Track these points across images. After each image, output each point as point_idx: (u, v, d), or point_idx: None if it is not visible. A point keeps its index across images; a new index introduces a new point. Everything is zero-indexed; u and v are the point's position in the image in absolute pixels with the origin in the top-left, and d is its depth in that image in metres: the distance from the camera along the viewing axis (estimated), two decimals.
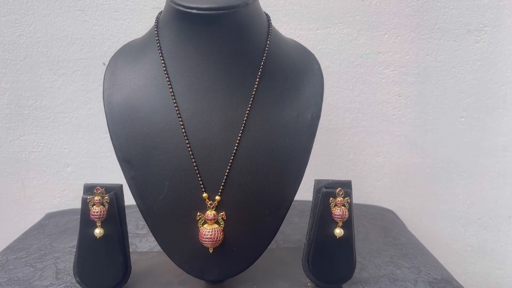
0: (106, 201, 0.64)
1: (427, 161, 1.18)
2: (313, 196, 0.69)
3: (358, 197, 1.17)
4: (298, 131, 0.68)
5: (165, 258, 0.78)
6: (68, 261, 0.81)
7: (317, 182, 0.69)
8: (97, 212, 0.63)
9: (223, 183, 0.65)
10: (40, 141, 1.15)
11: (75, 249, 0.67)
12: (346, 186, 0.67)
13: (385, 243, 0.90)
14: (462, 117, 1.15)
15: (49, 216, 1.07)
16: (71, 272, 0.77)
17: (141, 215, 0.66)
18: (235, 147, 0.66)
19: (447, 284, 0.74)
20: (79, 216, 0.65)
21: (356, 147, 1.15)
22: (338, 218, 0.65)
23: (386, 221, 1.04)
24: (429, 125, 1.16)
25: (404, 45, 1.10)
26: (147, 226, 0.67)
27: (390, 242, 0.91)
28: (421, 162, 1.17)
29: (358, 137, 1.16)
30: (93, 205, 0.64)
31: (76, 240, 0.66)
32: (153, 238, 0.91)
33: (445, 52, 1.11)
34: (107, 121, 0.67)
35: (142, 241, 0.90)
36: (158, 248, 0.87)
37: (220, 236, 0.64)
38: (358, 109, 1.14)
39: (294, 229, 0.97)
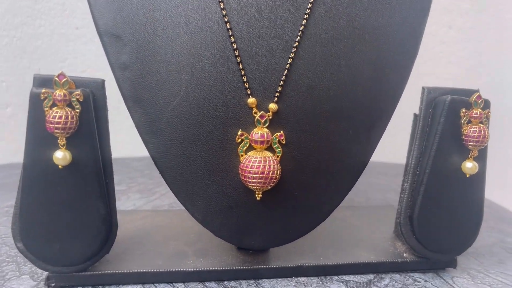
0: (77, 101, 0.34)
1: None
2: (420, 113, 0.43)
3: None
4: (403, 2, 0.41)
5: (166, 218, 0.50)
6: (4, 225, 0.53)
7: (428, 91, 0.42)
8: (59, 118, 0.33)
9: (282, 82, 0.38)
10: None
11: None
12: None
13: None
14: None
15: None
16: (9, 240, 0.47)
17: (116, 165, 0.39)
18: (304, 21, 0.38)
19: None
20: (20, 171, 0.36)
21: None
22: (474, 142, 0.39)
23: None
24: (484, 67, 0.93)
25: None
26: (127, 180, 0.40)
27: None
28: None
29: None
30: (53, 106, 0.34)
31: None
32: (138, 196, 0.62)
33: None
34: None
35: (121, 199, 0.61)
36: (149, 206, 0.58)
37: (275, 172, 0.36)
38: None
39: None
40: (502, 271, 0.46)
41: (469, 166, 0.40)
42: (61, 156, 0.34)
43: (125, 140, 0.86)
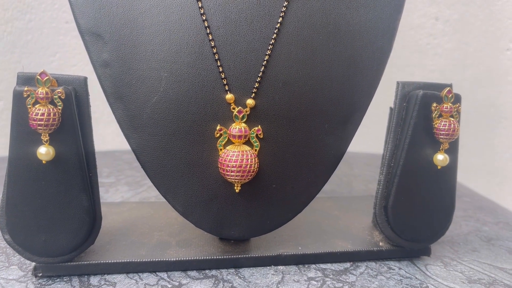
0: (59, 98, 0.36)
1: (463, 104, 0.96)
2: (395, 107, 0.44)
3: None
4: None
5: (151, 209, 0.52)
6: None
7: (402, 85, 0.44)
8: (42, 115, 0.35)
9: (259, 78, 0.39)
10: None
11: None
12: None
13: None
14: (508, 50, 0.93)
15: None
16: None
17: (105, 158, 0.40)
18: (280, 19, 0.39)
19: None
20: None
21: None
22: (444, 135, 0.41)
23: None
24: (469, 58, 0.94)
25: None
26: (116, 173, 0.41)
27: None
28: None
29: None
30: (36, 103, 0.35)
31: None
32: (126, 188, 0.63)
33: None
34: None
35: (109, 192, 0.62)
36: (136, 198, 0.60)
37: (253, 165, 0.38)
38: None
39: None
40: (475, 258, 0.48)
41: (440, 158, 0.42)
42: (44, 151, 0.36)
43: (114, 132, 0.87)
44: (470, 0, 0.91)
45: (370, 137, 0.85)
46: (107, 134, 0.88)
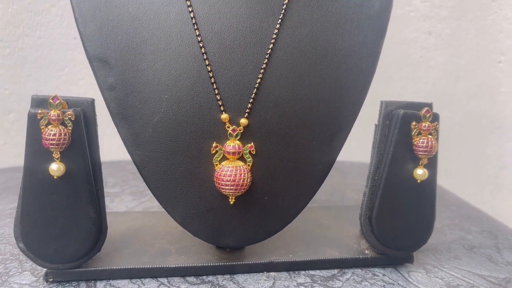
0: (70, 119, 0.39)
1: (457, 115, 1.00)
2: (378, 124, 0.47)
3: None
4: (361, 26, 0.46)
5: (153, 219, 0.55)
6: (7, 226, 0.57)
7: (386, 104, 0.47)
8: (54, 135, 0.38)
9: (251, 100, 0.43)
10: None
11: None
12: (429, 108, 0.46)
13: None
14: (499, 62, 0.97)
15: None
16: (12, 240, 0.52)
17: (110, 169, 0.43)
18: (271, 45, 0.43)
19: None
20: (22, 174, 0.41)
21: (372, 95, 0.95)
22: (423, 152, 0.44)
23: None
24: (462, 71, 0.97)
25: None
26: (121, 183, 0.44)
27: (440, 203, 0.71)
28: (449, 116, 0.99)
29: (376, 84, 0.95)
30: (48, 124, 0.39)
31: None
32: (130, 198, 0.67)
33: None
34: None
35: (114, 202, 0.66)
36: (140, 208, 0.64)
37: (246, 179, 0.41)
38: None
39: None
40: (456, 266, 0.51)
41: (420, 173, 0.45)
42: (55, 168, 0.39)
43: (118, 144, 0.91)
44: (462, 15, 0.94)
45: (364, 147, 0.88)
46: (112, 145, 0.92)
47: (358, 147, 0.83)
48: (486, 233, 0.61)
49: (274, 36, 0.43)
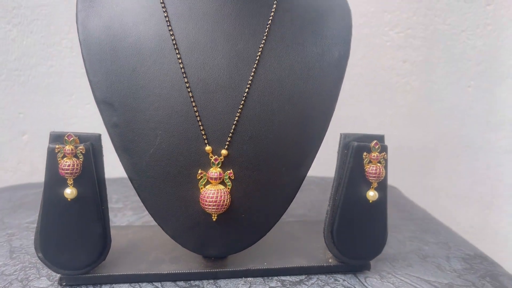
0: (81, 152, 0.49)
1: (430, 135, 1.09)
2: (339, 153, 0.56)
3: None
4: (323, 72, 0.55)
5: (150, 232, 0.64)
6: (25, 238, 0.65)
7: (344, 136, 0.56)
8: (68, 166, 0.48)
9: (231, 134, 0.51)
10: None
11: (34, 225, 0.52)
12: (380, 140, 0.55)
13: (402, 218, 0.80)
14: (469, 87, 1.06)
15: None
16: (30, 250, 0.61)
17: (114, 186, 0.52)
18: (247, 89, 0.52)
19: (482, 260, 0.64)
20: (38, 191, 0.50)
21: (354, 117, 1.04)
22: (373, 177, 0.53)
23: (395, 196, 0.93)
24: (435, 95, 1.06)
25: (412, 4, 1.00)
26: (123, 199, 0.53)
27: (407, 217, 0.80)
28: (423, 136, 1.08)
29: (358, 107, 1.05)
30: (64, 157, 0.48)
31: (37, 215, 0.51)
32: (131, 213, 0.76)
33: (454, 13, 1.01)
34: (82, 52, 0.52)
35: (118, 216, 0.75)
36: (140, 222, 0.73)
37: (226, 200, 0.50)
38: (360, 74, 1.03)
39: (295, 203, 0.83)
40: (408, 272, 0.59)
41: (371, 194, 0.54)
42: (69, 192, 0.49)
43: None
44: (433, 45, 1.04)
45: None
46: (116, 162, 1.01)
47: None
48: (441, 244, 0.69)
49: (249, 81, 0.53)
